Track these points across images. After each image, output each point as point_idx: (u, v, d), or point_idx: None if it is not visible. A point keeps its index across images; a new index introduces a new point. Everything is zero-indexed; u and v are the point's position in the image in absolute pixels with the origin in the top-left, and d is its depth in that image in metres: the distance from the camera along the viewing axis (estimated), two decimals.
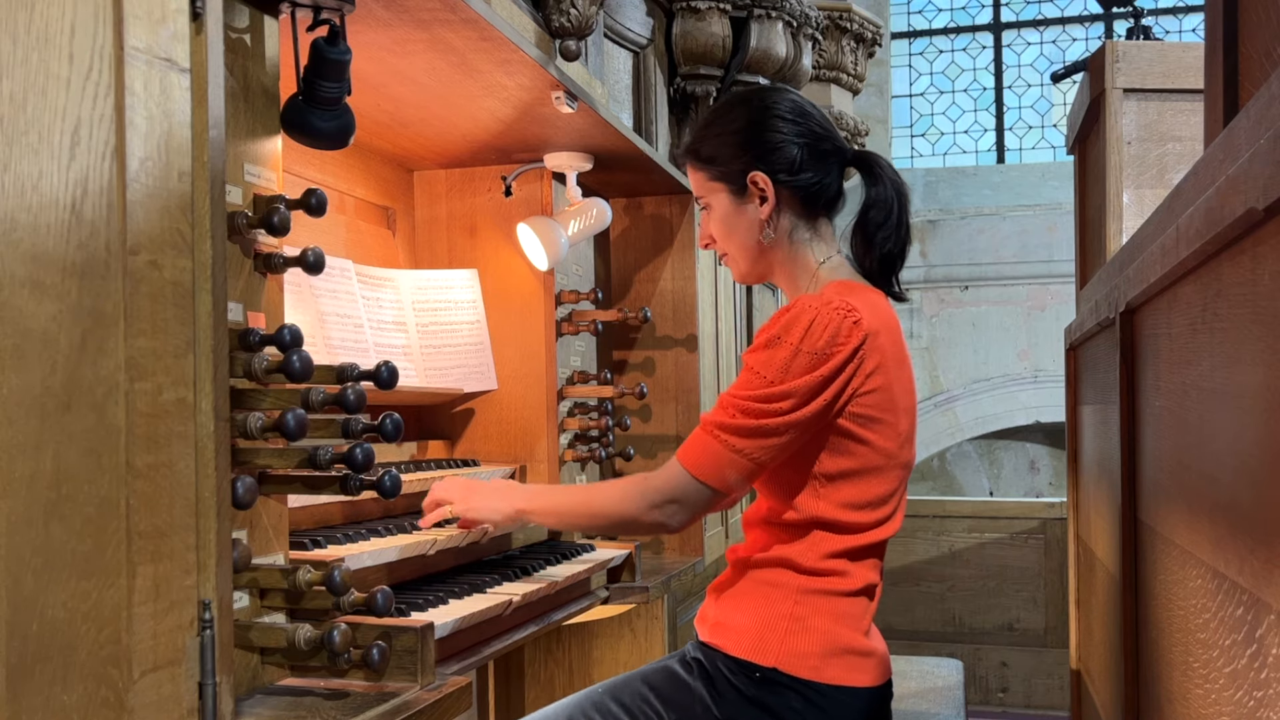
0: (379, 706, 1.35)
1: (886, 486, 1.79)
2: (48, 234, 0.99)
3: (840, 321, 1.70)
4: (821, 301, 1.73)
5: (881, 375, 1.74)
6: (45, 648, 0.98)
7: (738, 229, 1.89)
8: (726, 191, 1.88)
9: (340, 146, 1.57)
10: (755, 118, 1.86)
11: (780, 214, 1.87)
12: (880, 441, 1.76)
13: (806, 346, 1.69)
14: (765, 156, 1.85)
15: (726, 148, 1.87)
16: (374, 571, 1.75)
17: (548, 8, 2.39)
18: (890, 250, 1.88)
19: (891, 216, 1.87)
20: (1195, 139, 2.81)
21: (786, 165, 1.85)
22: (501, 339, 2.55)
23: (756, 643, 1.75)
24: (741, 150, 1.86)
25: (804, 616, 1.75)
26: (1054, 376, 8.01)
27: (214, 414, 1.19)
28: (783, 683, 1.72)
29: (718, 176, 1.89)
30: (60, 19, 1.01)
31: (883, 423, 1.75)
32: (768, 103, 1.88)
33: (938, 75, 9.53)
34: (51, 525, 0.99)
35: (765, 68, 3.78)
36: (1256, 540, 0.96)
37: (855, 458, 1.75)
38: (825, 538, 1.77)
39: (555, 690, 2.86)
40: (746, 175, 1.85)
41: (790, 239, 1.88)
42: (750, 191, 1.86)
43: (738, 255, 1.92)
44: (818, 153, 1.86)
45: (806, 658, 1.73)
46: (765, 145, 1.85)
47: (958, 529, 5.16)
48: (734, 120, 1.88)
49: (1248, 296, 0.99)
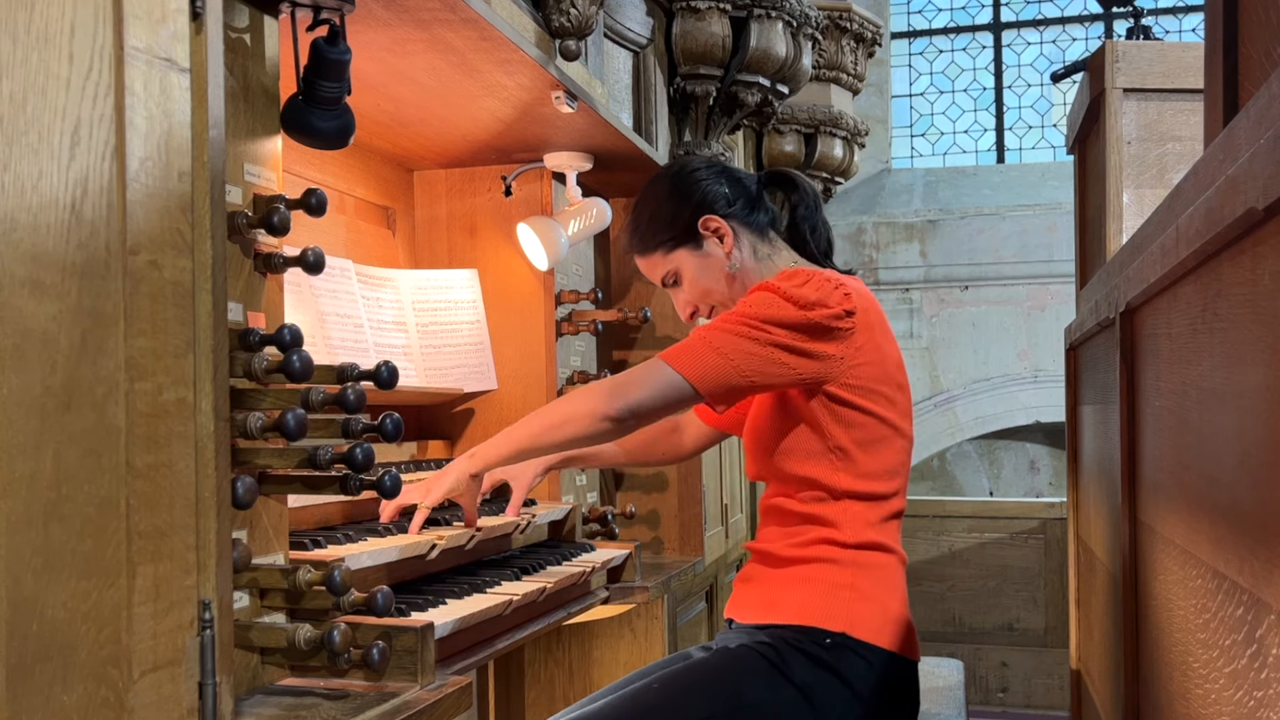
0: (379, 706, 1.35)
1: (896, 457, 1.87)
2: (48, 234, 0.99)
3: (832, 289, 1.80)
4: (810, 270, 1.86)
5: (873, 349, 1.83)
6: (45, 648, 0.98)
7: (710, 274, 2.00)
8: (686, 250, 1.99)
9: (340, 146, 1.57)
10: (675, 181, 2.02)
11: (739, 242, 1.99)
12: (881, 411, 1.84)
13: (795, 296, 1.78)
14: (700, 204, 1.98)
15: (662, 219, 2.00)
16: (374, 571, 1.75)
17: (548, 8, 2.38)
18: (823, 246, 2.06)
19: (815, 213, 2.05)
20: (1195, 139, 2.80)
21: (724, 199, 1.99)
22: (501, 339, 2.55)
23: (822, 610, 1.78)
24: (679, 211, 1.99)
25: (861, 586, 1.80)
26: (1054, 376, 8.01)
27: (214, 414, 1.19)
28: (851, 647, 1.76)
29: (671, 246, 2.00)
30: (60, 19, 1.01)
31: (880, 394, 1.84)
32: (673, 170, 2.05)
33: (938, 75, 9.52)
34: (51, 525, 0.99)
35: (765, 68, 3.78)
36: (1256, 540, 0.96)
37: (862, 428, 1.83)
38: (859, 510, 1.83)
39: (555, 690, 2.86)
40: (695, 225, 1.98)
41: (755, 257, 2.01)
42: (706, 236, 1.98)
43: (721, 297, 2.02)
44: (736, 181, 2.02)
45: (870, 623, 1.78)
46: (694, 197, 1.99)
47: (958, 529, 5.16)
48: (659, 194, 2.02)
49: (1248, 296, 0.99)
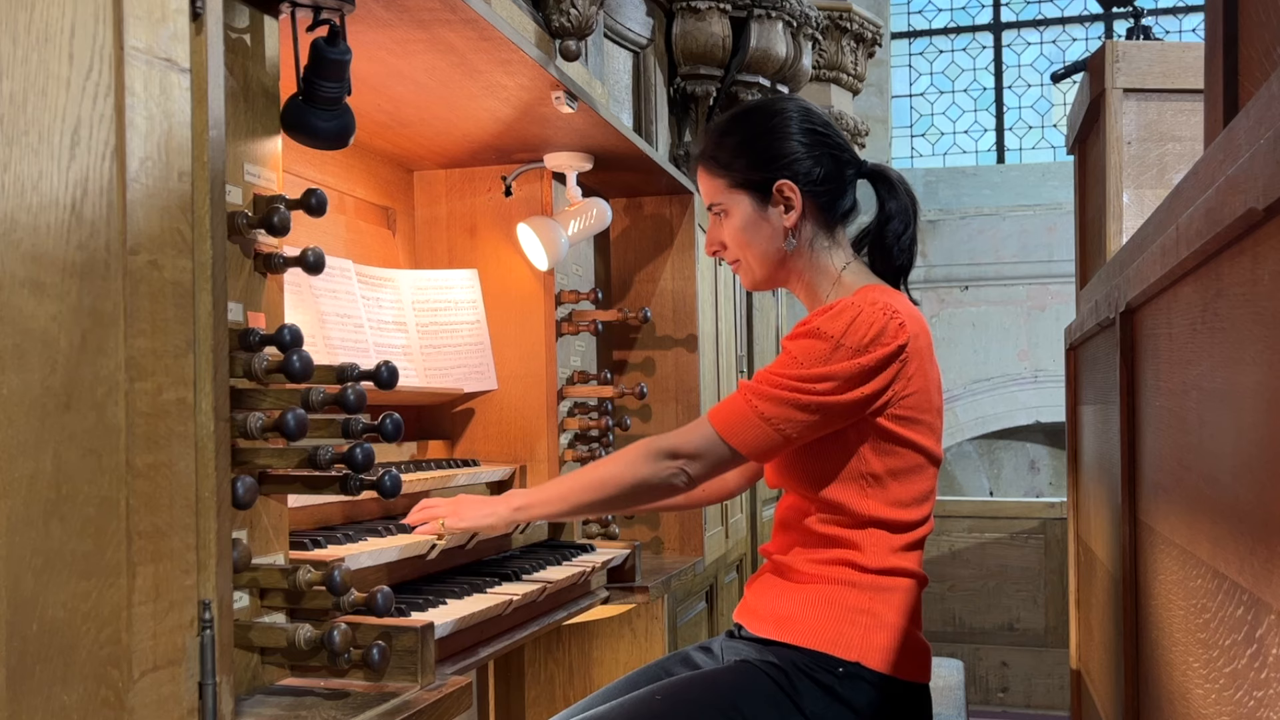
0: (379, 706, 1.35)
1: (928, 483, 1.83)
2: (48, 234, 0.99)
3: (886, 321, 1.72)
4: (866, 300, 1.75)
5: (921, 377, 1.77)
6: (45, 648, 0.98)
7: (758, 237, 1.88)
8: (749, 199, 1.87)
9: (340, 146, 1.57)
10: (781, 126, 1.86)
11: (803, 222, 1.87)
12: (920, 440, 1.79)
13: (849, 341, 1.71)
14: (791, 165, 1.85)
15: (750, 154, 1.86)
16: (374, 571, 1.75)
17: (548, 8, 2.39)
18: (903, 263, 1.92)
19: (909, 228, 1.91)
20: (1195, 139, 2.80)
21: (812, 175, 1.85)
22: (501, 339, 2.55)
23: (836, 637, 1.74)
24: (767, 158, 1.85)
25: (878, 611, 1.75)
26: (1054, 376, 8.01)
27: (214, 414, 1.19)
28: (864, 678, 1.72)
29: (740, 184, 1.87)
30: (60, 19, 1.01)
31: (921, 422, 1.78)
32: (792, 112, 1.88)
33: (938, 75, 9.53)
34: (51, 525, 0.99)
35: (765, 68, 3.77)
36: (1256, 540, 0.96)
37: (900, 457, 1.78)
38: (883, 536, 1.78)
39: (555, 690, 2.86)
40: (773, 183, 1.85)
41: (811, 247, 1.89)
42: (775, 199, 1.86)
43: (754, 263, 1.91)
44: (838, 164, 1.88)
45: (884, 652, 1.73)
46: (791, 154, 1.85)
47: (958, 529, 5.16)
48: (758, 127, 1.87)
49: (1248, 296, 0.99)
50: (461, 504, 1.92)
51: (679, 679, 1.81)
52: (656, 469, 1.76)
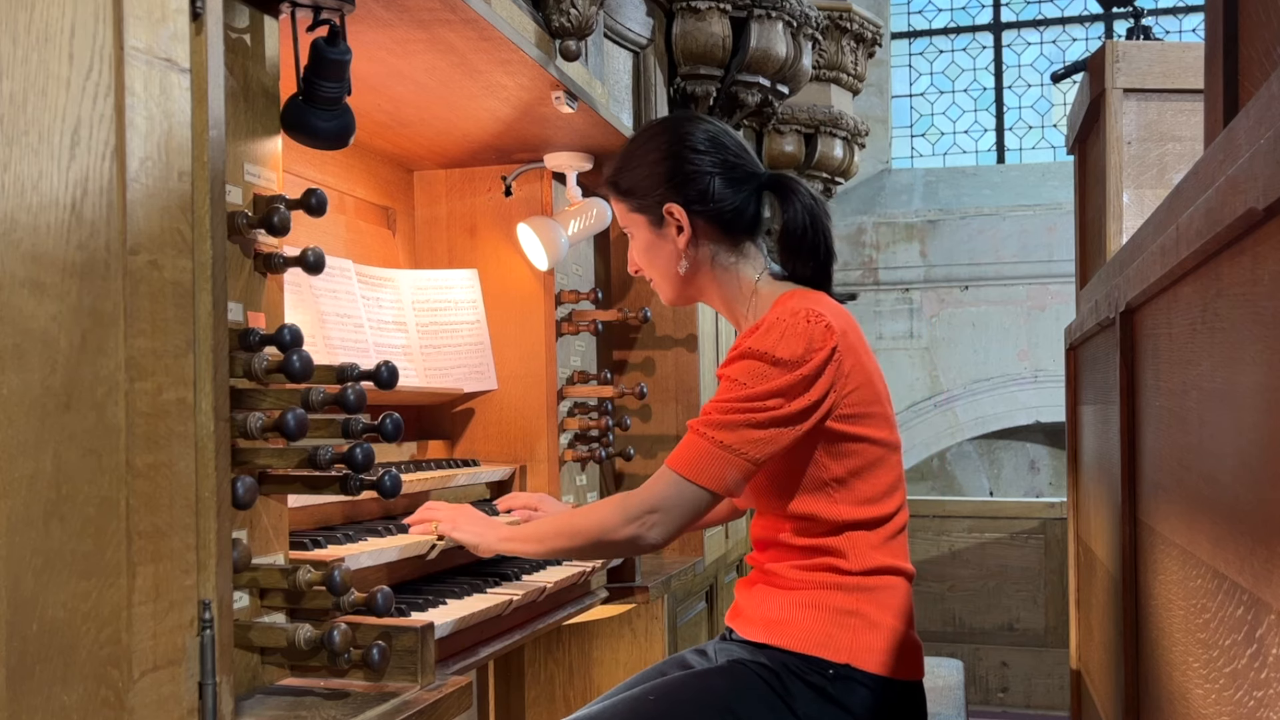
0: (379, 706, 1.35)
1: (893, 473, 1.83)
2: (48, 234, 0.99)
3: (811, 328, 1.73)
4: (787, 311, 1.76)
5: (860, 371, 1.78)
6: (45, 648, 0.98)
7: (659, 258, 1.94)
8: (646, 222, 1.92)
9: (340, 146, 1.57)
10: (670, 150, 1.90)
11: (698, 242, 1.91)
12: (874, 433, 1.79)
13: (783, 354, 1.72)
14: (680, 188, 1.89)
15: (644, 180, 1.91)
16: (374, 571, 1.75)
17: (548, 8, 2.38)
18: (820, 261, 1.93)
19: (816, 230, 1.91)
20: (1195, 139, 2.80)
21: (701, 195, 1.88)
22: (501, 339, 2.55)
23: (825, 640, 1.74)
24: (657, 183, 1.90)
25: (867, 612, 1.76)
26: (1054, 376, 8.01)
27: (214, 414, 1.19)
28: (855, 678, 1.72)
29: (636, 208, 1.93)
30: (60, 19, 1.01)
31: (871, 415, 1.79)
32: (681, 134, 1.92)
33: (938, 75, 9.53)
34: (51, 525, 0.99)
35: (765, 68, 3.77)
36: (1256, 540, 0.96)
37: (858, 456, 1.78)
38: (863, 537, 1.78)
39: (555, 690, 2.86)
40: (663, 207, 1.90)
41: (713, 264, 1.92)
42: (667, 222, 1.90)
43: (661, 282, 1.97)
44: (732, 180, 1.90)
45: (875, 653, 1.74)
46: (680, 176, 1.89)
47: (958, 529, 5.16)
48: (650, 153, 1.92)
49: (1248, 296, 0.99)
50: (460, 515, 1.94)
51: (672, 679, 1.81)
52: (620, 527, 1.74)
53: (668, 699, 1.75)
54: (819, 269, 1.93)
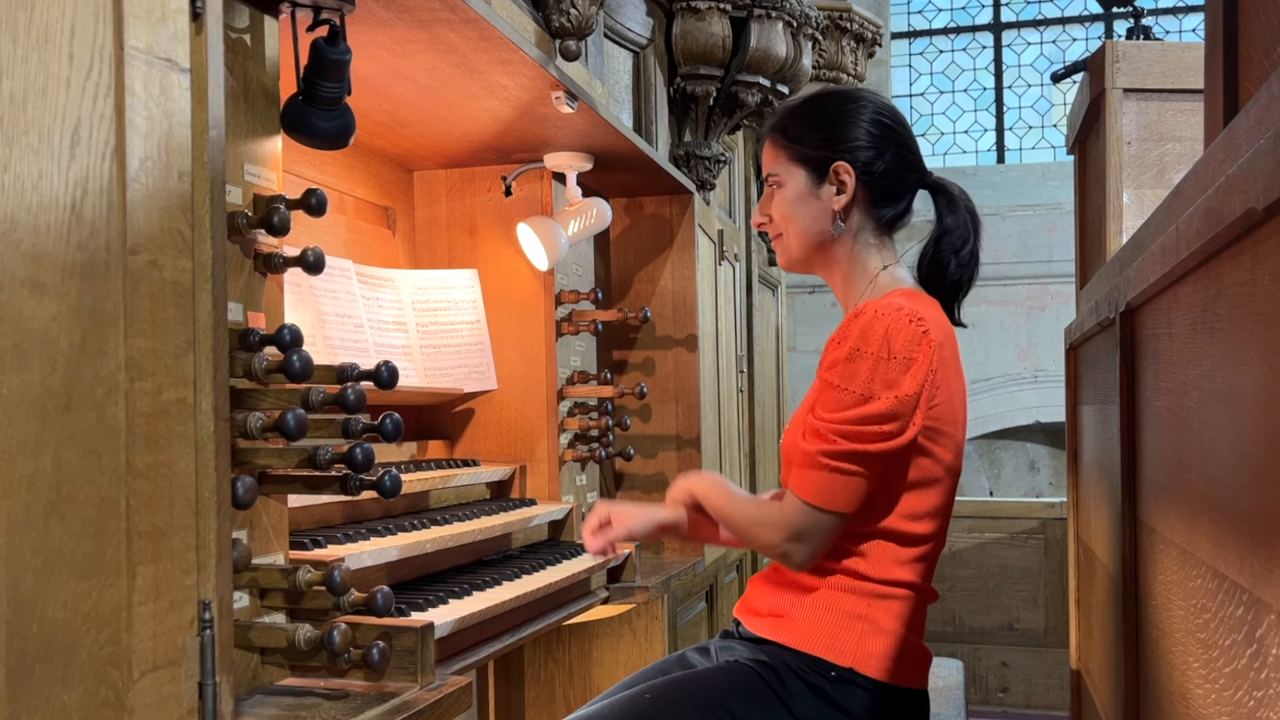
0: (379, 706, 1.35)
1: (943, 498, 1.78)
2: (48, 234, 0.99)
3: (913, 329, 1.69)
4: (892, 308, 1.72)
5: (946, 388, 1.73)
6: (45, 648, 0.98)
7: (805, 213, 1.87)
8: (805, 173, 1.86)
9: (340, 146, 1.57)
10: (854, 112, 1.86)
11: (852, 210, 1.85)
12: (941, 454, 1.75)
13: (890, 352, 1.68)
14: (853, 150, 1.84)
15: (817, 131, 1.86)
16: (374, 571, 1.75)
17: (548, 8, 2.39)
18: (959, 279, 1.89)
19: (967, 245, 1.88)
20: (1195, 139, 2.80)
21: (872, 164, 1.84)
22: (501, 339, 2.55)
23: (830, 641, 1.73)
24: (832, 138, 1.85)
25: (876, 618, 1.74)
26: (1054, 376, 8.01)
27: (214, 414, 1.19)
28: (857, 682, 1.71)
29: (799, 157, 1.87)
30: (60, 19, 1.01)
31: (945, 435, 1.74)
32: (876, 101, 1.89)
33: (938, 75, 9.52)
34: (51, 525, 0.99)
35: (765, 68, 3.77)
36: (1256, 540, 0.96)
37: (918, 469, 1.74)
38: (890, 548, 1.75)
39: (555, 690, 2.86)
40: (831, 163, 1.84)
41: (855, 238, 1.87)
42: (830, 179, 1.85)
43: (795, 240, 1.89)
44: (904, 164, 1.87)
45: (880, 659, 1.72)
46: (864, 139, 1.84)
47: (958, 529, 5.16)
48: (832, 108, 1.87)
49: (1248, 296, 0.99)
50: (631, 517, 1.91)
51: (669, 678, 1.80)
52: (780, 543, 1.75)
53: (664, 698, 1.75)
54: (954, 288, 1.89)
